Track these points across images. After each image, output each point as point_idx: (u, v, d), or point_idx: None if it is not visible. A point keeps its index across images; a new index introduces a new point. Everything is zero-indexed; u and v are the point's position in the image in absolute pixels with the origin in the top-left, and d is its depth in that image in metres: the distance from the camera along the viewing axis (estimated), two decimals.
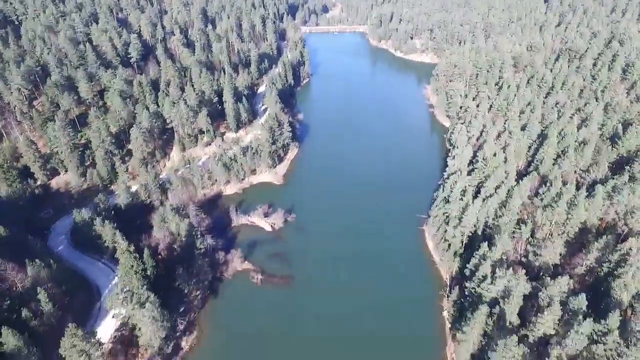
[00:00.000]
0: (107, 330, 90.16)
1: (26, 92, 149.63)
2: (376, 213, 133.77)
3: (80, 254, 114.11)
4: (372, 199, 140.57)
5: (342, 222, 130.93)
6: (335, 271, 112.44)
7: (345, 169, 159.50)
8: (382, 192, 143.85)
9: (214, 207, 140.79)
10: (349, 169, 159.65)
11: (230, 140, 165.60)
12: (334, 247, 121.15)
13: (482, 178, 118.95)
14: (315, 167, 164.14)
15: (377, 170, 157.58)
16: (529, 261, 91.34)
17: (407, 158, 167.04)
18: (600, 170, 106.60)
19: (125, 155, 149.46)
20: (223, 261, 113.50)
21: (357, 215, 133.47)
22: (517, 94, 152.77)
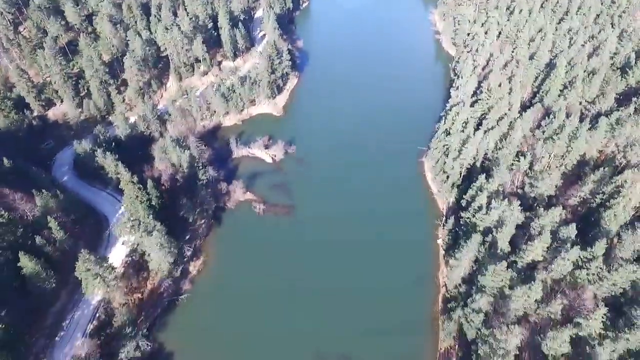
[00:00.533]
0: (118, 256, 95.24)
1: (10, 17, 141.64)
2: (377, 144, 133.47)
3: (85, 184, 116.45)
4: (373, 130, 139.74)
5: (342, 153, 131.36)
6: (335, 200, 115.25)
7: (346, 99, 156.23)
8: (383, 123, 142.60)
9: (214, 138, 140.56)
10: (350, 99, 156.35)
11: (227, 69, 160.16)
12: (333, 177, 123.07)
13: (485, 110, 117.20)
14: (316, 97, 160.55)
15: (379, 101, 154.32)
16: (524, 192, 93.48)
17: (410, 87, 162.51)
18: (606, 101, 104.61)
19: (120, 85, 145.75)
20: (225, 192, 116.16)
21: (357, 146, 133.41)
22: (529, 19, 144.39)
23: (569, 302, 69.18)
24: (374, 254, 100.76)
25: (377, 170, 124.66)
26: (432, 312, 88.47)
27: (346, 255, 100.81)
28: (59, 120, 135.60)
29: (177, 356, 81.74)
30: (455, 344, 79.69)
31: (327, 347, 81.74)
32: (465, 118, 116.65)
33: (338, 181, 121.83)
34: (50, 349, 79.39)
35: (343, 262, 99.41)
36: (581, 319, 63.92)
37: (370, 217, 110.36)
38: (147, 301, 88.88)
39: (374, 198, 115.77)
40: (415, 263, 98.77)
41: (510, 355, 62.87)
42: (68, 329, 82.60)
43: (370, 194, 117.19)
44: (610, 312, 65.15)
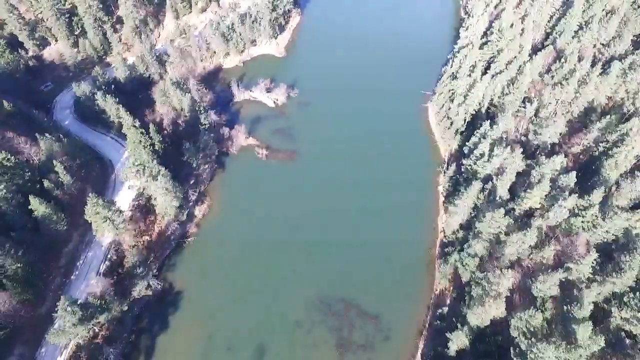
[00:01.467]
0: (124, 199, 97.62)
1: None
2: (381, 88, 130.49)
3: (88, 128, 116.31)
4: (377, 73, 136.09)
5: (346, 97, 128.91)
6: (337, 145, 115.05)
7: (350, 39, 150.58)
8: (388, 65, 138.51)
9: (215, 80, 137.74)
10: (354, 38, 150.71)
11: (227, 5, 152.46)
12: (336, 122, 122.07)
13: (494, 52, 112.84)
14: (319, 36, 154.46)
15: (384, 41, 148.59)
16: (528, 140, 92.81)
17: (417, 26, 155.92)
18: (622, 44, 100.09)
19: (116, 24, 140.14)
20: (228, 136, 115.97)
21: (361, 90, 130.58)
22: None
23: (562, 248, 71.75)
24: (375, 199, 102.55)
25: (380, 115, 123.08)
26: (429, 256, 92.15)
27: (348, 200, 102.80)
28: (56, 60, 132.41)
29: (185, 294, 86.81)
30: (450, 286, 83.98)
31: (328, 289, 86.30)
32: (473, 61, 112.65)
33: (340, 126, 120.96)
34: (66, 287, 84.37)
35: (345, 206, 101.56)
36: (572, 264, 66.72)
37: (372, 162, 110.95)
38: (156, 243, 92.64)
39: (376, 143, 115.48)
40: (415, 208, 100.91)
41: (501, 297, 66.53)
42: (82, 268, 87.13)
43: (373, 139, 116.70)
44: (600, 257, 67.79)
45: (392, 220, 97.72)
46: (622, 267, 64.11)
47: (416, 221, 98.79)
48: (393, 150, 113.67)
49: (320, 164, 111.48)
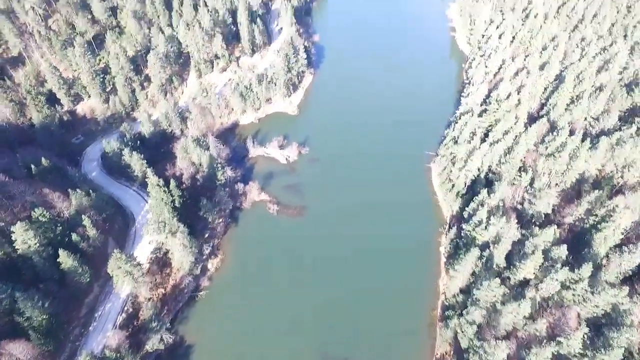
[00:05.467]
0: (143, 252, 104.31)
1: (40, 12, 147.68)
2: (388, 146, 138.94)
3: (113, 180, 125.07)
4: (385, 131, 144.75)
5: (354, 154, 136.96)
6: (345, 203, 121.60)
7: (359, 98, 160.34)
8: (395, 124, 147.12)
9: (232, 136, 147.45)
10: (364, 97, 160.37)
11: (245, 65, 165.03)
12: (344, 179, 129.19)
13: (492, 121, 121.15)
14: (330, 96, 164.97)
15: (392, 100, 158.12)
16: (523, 208, 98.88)
17: (423, 87, 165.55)
18: (610, 119, 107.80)
19: (143, 81, 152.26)
20: (242, 192, 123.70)
21: (369, 147, 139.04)
22: (543, 25, 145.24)
23: (554, 321, 75.83)
24: (380, 256, 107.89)
25: (386, 173, 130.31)
26: (431, 318, 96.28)
27: (353, 257, 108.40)
28: (87, 115, 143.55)
29: (196, 348, 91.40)
30: (450, 350, 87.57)
31: (331, 345, 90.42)
32: (473, 128, 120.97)
33: (348, 183, 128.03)
34: (84, 338, 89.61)
35: (350, 263, 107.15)
36: (563, 338, 70.71)
37: (378, 220, 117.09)
38: (170, 296, 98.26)
39: (382, 201, 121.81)
40: (418, 268, 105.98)
41: None
42: (100, 320, 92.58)
43: (379, 197, 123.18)
44: (591, 331, 71.83)
45: (395, 278, 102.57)
46: (610, 343, 68.07)
47: (419, 281, 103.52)
48: (398, 208, 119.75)
49: (327, 220, 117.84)
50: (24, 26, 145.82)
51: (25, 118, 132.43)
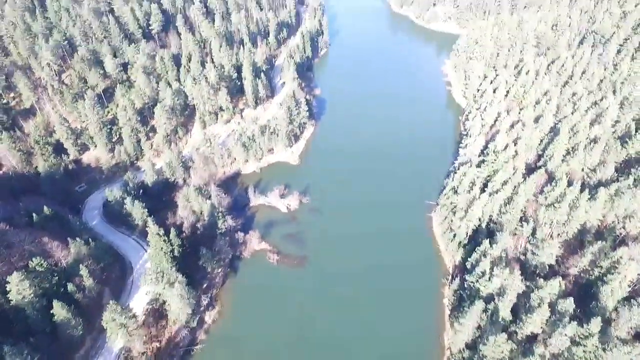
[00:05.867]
0: (139, 302, 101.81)
1: (55, 67, 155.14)
2: (388, 195, 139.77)
3: (113, 228, 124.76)
4: (385, 180, 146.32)
5: (355, 203, 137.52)
6: (346, 253, 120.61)
7: (360, 148, 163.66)
8: (395, 173, 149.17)
9: (233, 185, 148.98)
10: (364, 147, 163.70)
11: (249, 117, 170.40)
12: (345, 229, 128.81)
13: (491, 172, 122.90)
14: (331, 146, 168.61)
15: (391, 149, 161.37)
16: (526, 259, 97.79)
17: (421, 138, 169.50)
18: (606, 171, 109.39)
19: (149, 132, 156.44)
20: (242, 241, 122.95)
21: (369, 197, 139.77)
22: (535, 81, 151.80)
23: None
24: (382, 309, 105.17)
25: (387, 222, 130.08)
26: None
27: (354, 308, 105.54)
28: (92, 164, 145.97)
29: None
30: None
31: None
32: (472, 178, 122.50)
33: (349, 233, 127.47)
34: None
35: (351, 315, 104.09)
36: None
37: (379, 270, 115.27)
38: (165, 350, 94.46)
39: (383, 251, 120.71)
40: (421, 321, 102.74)
41: None
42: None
43: (380, 247, 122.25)
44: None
45: (398, 332, 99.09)
46: None
47: (423, 335, 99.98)
48: (400, 259, 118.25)
49: (328, 271, 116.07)
50: (38, 80, 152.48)
51: (31, 167, 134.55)
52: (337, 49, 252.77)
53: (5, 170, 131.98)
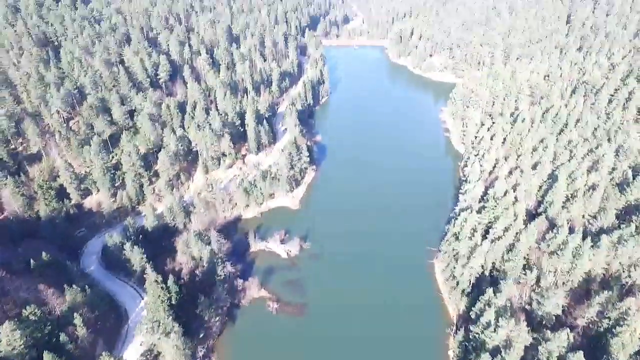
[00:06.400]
0: (133, 353, 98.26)
1: (64, 114, 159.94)
2: (389, 241, 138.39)
3: (110, 275, 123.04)
4: (386, 225, 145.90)
5: (355, 250, 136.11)
6: (347, 300, 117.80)
7: (360, 194, 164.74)
8: (395, 218, 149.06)
9: (234, 230, 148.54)
10: (364, 193, 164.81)
11: (251, 163, 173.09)
12: (346, 275, 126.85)
13: (491, 218, 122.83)
14: (331, 191, 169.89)
15: (391, 196, 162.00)
16: (532, 309, 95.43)
17: (421, 183, 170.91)
18: (607, 218, 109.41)
19: (152, 176, 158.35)
20: (241, 288, 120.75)
21: (370, 243, 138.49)
22: (531, 129, 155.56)
23: None
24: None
25: (389, 269, 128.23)
26: None
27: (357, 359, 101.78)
28: (94, 208, 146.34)
29: None
30: None
31: None
32: (473, 225, 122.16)
33: (350, 278, 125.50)
34: None
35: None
36: None
37: (380, 318, 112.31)
38: None
39: (385, 299, 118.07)
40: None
41: None
42: None
43: (382, 294, 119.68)
44: None
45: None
46: None
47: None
48: (402, 307, 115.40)
49: (329, 319, 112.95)
50: (47, 127, 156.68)
51: (33, 211, 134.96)
52: (337, 97, 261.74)
53: (7, 215, 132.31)
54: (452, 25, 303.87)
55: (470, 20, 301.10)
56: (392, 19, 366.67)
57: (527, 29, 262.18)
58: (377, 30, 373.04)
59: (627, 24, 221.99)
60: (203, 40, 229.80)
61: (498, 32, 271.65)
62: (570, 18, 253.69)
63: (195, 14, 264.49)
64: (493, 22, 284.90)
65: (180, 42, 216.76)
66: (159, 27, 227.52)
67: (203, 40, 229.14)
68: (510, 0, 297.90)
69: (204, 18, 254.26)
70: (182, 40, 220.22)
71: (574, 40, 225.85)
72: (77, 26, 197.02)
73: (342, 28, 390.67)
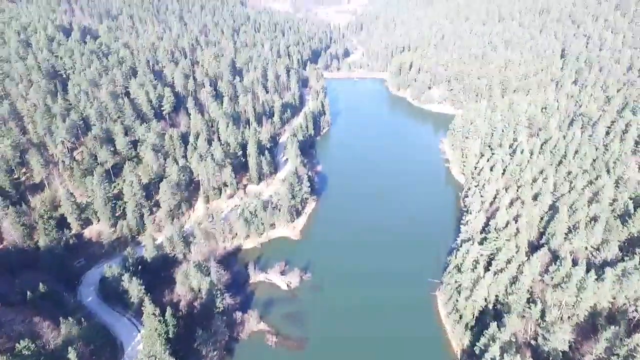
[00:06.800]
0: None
1: (68, 145, 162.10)
2: (391, 272, 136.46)
3: (107, 307, 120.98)
4: (387, 257, 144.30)
5: (357, 280, 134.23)
6: (348, 334, 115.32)
7: (361, 224, 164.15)
8: (397, 250, 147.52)
9: (233, 261, 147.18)
10: (365, 223, 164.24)
11: (252, 193, 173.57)
12: (347, 308, 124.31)
13: (493, 250, 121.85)
14: (332, 221, 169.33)
15: (392, 226, 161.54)
16: (538, 345, 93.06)
17: (422, 213, 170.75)
18: (610, 250, 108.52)
19: (153, 206, 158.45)
20: (240, 321, 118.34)
21: (372, 274, 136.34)
22: (531, 160, 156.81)
23: None
24: None
25: (391, 301, 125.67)
26: None
27: None
28: (93, 238, 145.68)
29: None
30: None
31: None
32: (475, 256, 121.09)
33: (351, 311, 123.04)
34: None
35: None
36: None
37: (383, 355, 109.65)
38: None
39: (387, 333, 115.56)
40: None
41: None
42: None
43: (383, 328, 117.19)
44: None
45: None
46: None
47: None
48: (405, 341, 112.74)
49: (329, 354, 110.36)
50: (51, 157, 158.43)
51: (32, 241, 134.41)
52: (338, 127, 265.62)
53: (6, 245, 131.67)
54: (449, 59, 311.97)
55: (468, 54, 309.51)
56: (391, 53, 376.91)
57: (523, 63, 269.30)
58: (377, 63, 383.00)
59: (620, 58, 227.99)
60: (207, 73, 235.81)
61: (495, 65, 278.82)
62: (565, 52, 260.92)
63: (200, 48, 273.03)
64: (489, 56, 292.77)
65: (185, 74, 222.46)
66: (165, 60, 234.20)
67: (207, 73, 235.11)
68: (506, 35, 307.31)
69: (208, 52, 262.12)
70: (186, 73, 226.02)
71: (569, 73, 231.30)
72: (86, 59, 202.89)
73: (343, 61, 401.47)
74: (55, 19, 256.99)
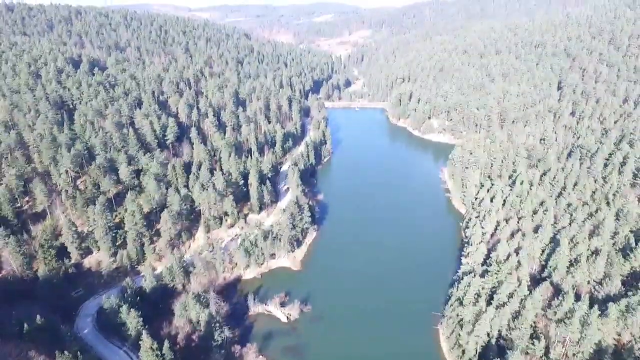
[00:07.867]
0: None
1: (72, 174, 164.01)
2: (392, 304, 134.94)
3: (104, 339, 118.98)
4: (389, 288, 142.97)
5: (358, 313, 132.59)
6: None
7: (361, 254, 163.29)
8: (398, 281, 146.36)
9: (233, 291, 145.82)
10: (366, 254, 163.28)
11: (253, 222, 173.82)
12: (348, 341, 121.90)
13: (495, 282, 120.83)
14: (333, 251, 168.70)
15: (394, 256, 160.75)
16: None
17: (423, 243, 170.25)
18: (613, 284, 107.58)
19: (153, 235, 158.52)
20: (238, 354, 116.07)
21: (372, 306, 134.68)
22: (530, 191, 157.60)
23: None
24: None
25: (392, 335, 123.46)
26: None
27: None
28: (93, 267, 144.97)
29: None
30: None
31: None
32: (477, 289, 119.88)
33: (352, 346, 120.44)
34: None
35: None
36: None
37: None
38: None
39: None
40: None
41: None
42: None
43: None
44: None
45: None
46: None
47: None
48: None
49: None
50: (54, 186, 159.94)
51: (31, 270, 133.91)
52: (339, 156, 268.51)
53: (5, 274, 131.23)
54: (448, 90, 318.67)
55: (466, 85, 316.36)
56: (391, 83, 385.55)
57: (520, 94, 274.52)
58: (378, 93, 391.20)
59: (615, 90, 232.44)
60: (211, 103, 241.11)
61: (493, 96, 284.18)
62: (561, 85, 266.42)
63: (205, 79, 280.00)
64: (488, 87, 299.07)
65: (189, 105, 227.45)
66: (170, 91, 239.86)
67: (211, 104, 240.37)
68: (503, 67, 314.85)
69: (212, 83, 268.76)
70: (190, 103, 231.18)
71: (566, 105, 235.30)
72: (93, 90, 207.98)
73: (344, 91, 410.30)
74: (66, 51, 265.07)
